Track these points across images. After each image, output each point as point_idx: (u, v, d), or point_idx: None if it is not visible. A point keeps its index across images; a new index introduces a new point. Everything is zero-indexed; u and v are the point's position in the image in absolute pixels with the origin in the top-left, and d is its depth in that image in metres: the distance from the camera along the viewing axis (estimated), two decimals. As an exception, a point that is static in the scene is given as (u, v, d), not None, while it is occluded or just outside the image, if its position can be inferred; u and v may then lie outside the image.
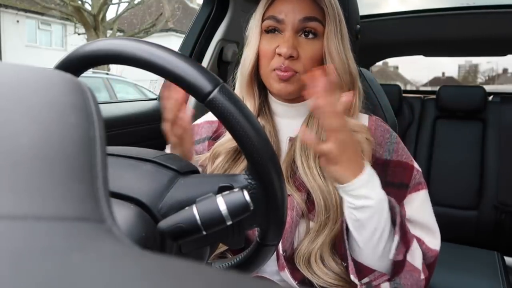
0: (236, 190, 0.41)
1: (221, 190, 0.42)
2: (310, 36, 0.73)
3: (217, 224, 0.39)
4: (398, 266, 0.67)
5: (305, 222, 0.73)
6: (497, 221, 1.93)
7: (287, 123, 0.80)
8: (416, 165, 0.77)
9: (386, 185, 0.71)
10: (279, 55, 0.72)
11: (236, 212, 0.39)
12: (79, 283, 0.12)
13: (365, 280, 0.67)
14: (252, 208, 0.40)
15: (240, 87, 0.80)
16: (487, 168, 2.00)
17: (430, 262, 0.72)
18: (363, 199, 0.62)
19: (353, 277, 0.66)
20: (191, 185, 0.43)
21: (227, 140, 0.78)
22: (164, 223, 0.39)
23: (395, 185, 0.73)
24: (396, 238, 0.65)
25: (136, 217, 0.38)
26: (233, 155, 0.78)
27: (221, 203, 0.39)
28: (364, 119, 0.80)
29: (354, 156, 0.62)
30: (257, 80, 0.80)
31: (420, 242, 0.72)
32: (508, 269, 1.40)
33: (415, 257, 0.68)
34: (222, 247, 0.75)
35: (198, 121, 0.92)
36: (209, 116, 0.91)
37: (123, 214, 0.37)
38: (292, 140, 0.77)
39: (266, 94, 0.82)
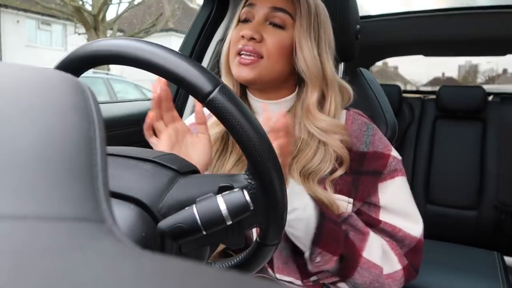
0: (236, 190, 0.41)
1: (221, 190, 0.42)
2: (277, 26, 0.74)
3: (217, 224, 0.39)
4: (345, 267, 0.70)
5: None
6: (497, 221, 1.92)
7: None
8: (394, 153, 0.77)
9: (360, 174, 0.73)
10: (242, 37, 0.73)
11: (236, 212, 0.39)
12: (79, 283, 0.12)
13: (313, 278, 0.71)
14: (252, 208, 0.40)
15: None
16: (487, 168, 2.00)
17: (411, 248, 0.73)
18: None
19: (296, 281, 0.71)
20: (191, 185, 0.43)
21: (211, 125, 0.78)
22: (164, 223, 0.39)
23: (369, 172, 0.75)
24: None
25: (136, 217, 0.38)
26: (221, 144, 0.79)
27: (221, 203, 0.39)
28: (341, 114, 0.80)
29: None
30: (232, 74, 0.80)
31: (396, 230, 0.73)
32: (508, 269, 1.40)
33: (372, 253, 0.70)
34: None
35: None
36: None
37: (123, 214, 0.37)
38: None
39: (245, 93, 0.82)
